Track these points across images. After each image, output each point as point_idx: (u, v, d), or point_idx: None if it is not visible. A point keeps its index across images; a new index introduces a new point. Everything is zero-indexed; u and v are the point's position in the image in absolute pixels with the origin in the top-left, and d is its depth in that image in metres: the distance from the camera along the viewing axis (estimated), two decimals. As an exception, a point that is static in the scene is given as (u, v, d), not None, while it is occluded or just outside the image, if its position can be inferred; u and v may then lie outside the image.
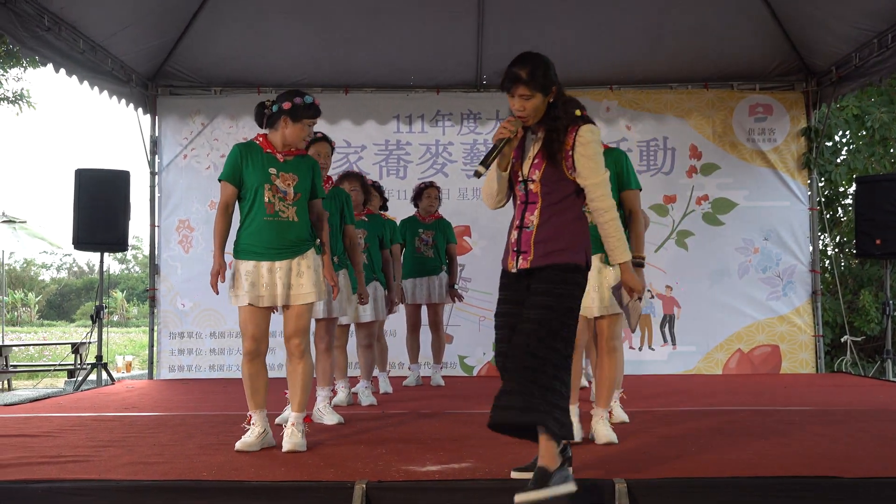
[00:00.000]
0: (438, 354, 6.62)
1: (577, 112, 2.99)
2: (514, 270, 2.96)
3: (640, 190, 4.12)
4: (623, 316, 3.87)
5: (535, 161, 2.92)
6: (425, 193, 6.47)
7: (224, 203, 3.87)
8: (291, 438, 3.77)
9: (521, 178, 2.96)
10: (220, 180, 3.88)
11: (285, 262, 3.80)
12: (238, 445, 3.74)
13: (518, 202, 3.00)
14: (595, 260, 3.83)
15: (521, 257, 2.92)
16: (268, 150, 3.87)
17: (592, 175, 2.89)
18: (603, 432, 3.87)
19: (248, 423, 3.83)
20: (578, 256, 2.89)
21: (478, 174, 2.88)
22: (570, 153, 2.88)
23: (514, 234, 2.97)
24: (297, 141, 3.90)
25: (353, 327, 5.62)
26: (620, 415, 4.54)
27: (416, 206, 6.55)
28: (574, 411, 3.97)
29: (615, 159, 4.02)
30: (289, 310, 3.85)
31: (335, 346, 4.99)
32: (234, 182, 3.85)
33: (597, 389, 4.03)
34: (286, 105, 3.84)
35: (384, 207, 6.19)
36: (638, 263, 3.94)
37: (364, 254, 5.50)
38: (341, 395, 5.35)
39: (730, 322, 7.80)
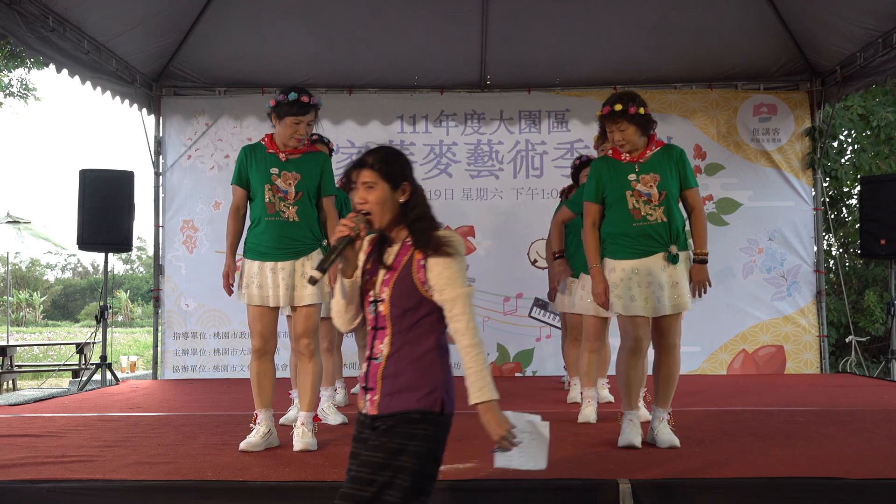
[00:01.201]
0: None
1: None
2: (363, 411, 2.41)
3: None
4: (680, 316, 3.90)
5: (386, 276, 2.37)
6: None
7: (235, 206, 3.92)
8: (303, 438, 3.77)
9: (371, 298, 2.41)
10: (231, 185, 3.94)
11: (289, 262, 3.80)
12: (242, 446, 3.75)
13: (369, 328, 2.43)
14: (656, 259, 3.80)
15: (368, 396, 2.37)
16: (271, 150, 3.87)
17: (451, 287, 2.32)
18: (665, 436, 3.82)
19: (255, 422, 3.83)
20: (430, 400, 2.29)
21: (312, 280, 2.36)
22: (423, 263, 2.34)
23: (364, 366, 2.43)
24: (287, 139, 3.82)
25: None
26: (607, 396, 5.10)
27: None
28: (638, 416, 3.90)
29: (678, 157, 3.91)
30: (296, 311, 3.87)
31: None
32: (242, 185, 3.88)
33: (656, 389, 3.94)
34: (272, 102, 3.82)
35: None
36: (702, 260, 3.92)
37: None
38: (338, 396, 5.35)
39: (734, 322, 7.78)
